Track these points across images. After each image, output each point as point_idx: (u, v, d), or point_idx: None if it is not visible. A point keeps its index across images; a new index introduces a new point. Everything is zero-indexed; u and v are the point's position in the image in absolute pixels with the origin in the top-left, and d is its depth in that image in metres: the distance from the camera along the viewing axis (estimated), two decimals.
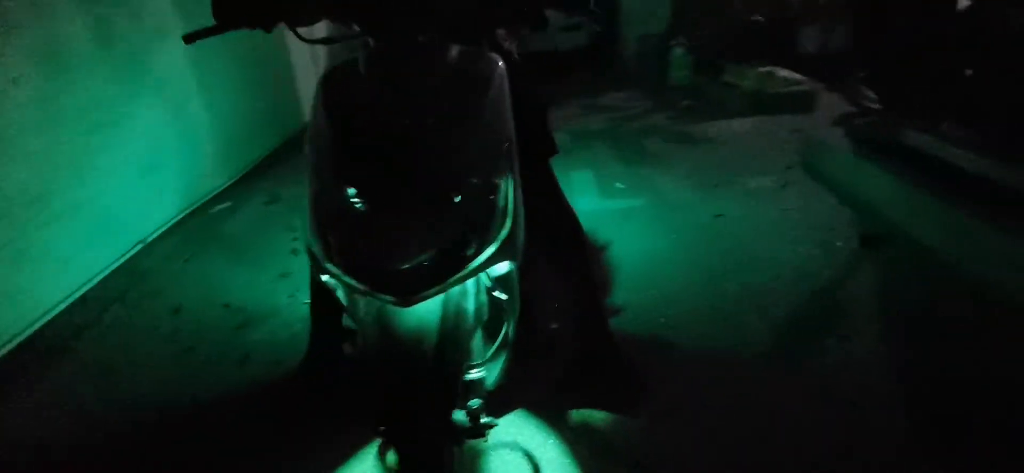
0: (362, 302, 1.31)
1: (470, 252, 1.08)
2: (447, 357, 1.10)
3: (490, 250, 1.10)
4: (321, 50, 5.41)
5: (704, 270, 2.34)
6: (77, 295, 2.43)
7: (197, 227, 3.13)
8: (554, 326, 1.95)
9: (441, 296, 1.11)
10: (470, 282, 1.19)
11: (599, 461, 1.50)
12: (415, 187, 1.06)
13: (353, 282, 1.07)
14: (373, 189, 1.07)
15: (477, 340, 1.30)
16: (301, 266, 2.61)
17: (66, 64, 2.50)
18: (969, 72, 2.86)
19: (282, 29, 1.40)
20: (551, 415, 1.64)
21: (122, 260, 2.72)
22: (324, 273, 1.15)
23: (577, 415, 1.65)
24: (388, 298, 1.05)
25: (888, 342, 1.85)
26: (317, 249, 1.10)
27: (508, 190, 1.18)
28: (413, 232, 1.03)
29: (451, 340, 1.11)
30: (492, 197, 1.16)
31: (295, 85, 4.81)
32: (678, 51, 5.61)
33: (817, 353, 1.83)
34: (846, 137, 3.37)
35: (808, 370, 1.76)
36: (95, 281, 2.54)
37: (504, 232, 1.12)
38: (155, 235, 2.96)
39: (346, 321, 1.85)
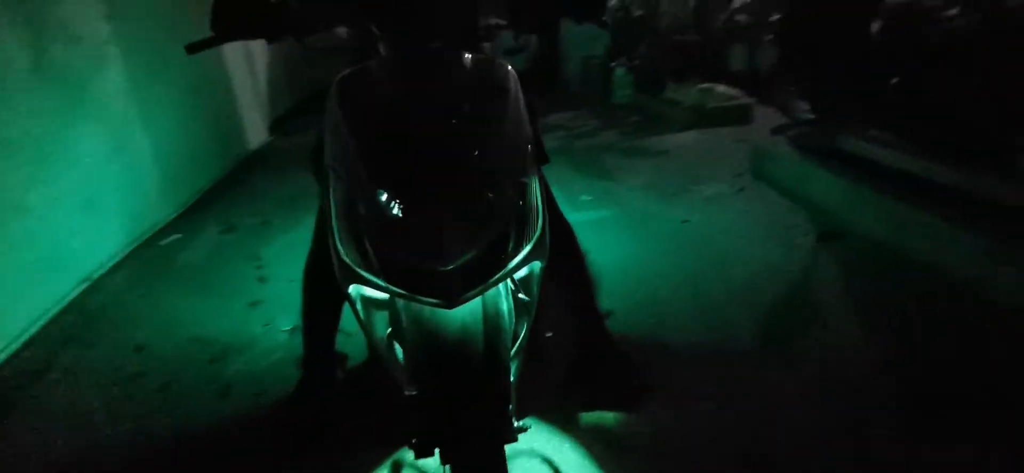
0: (378, 316, 1.28)
1: (510, 250, 1.08)
2: (495, 360, 1.09)
3: (527, 248, 1.11)
4: (263, 76, 5.27)
5: (681, 273, 2.42)
6: (24, 338, 2.23)
7: (147, 261, 2.95)
8: (549, 334, 1.96)
9: (480, 298, 1.11)
10: (502, 285, 1.19)
11: (618, 460, 1.51)
12: (453, 188, 1.06)
13: (395, 288, 1.05)
14: (410, 192, 1.06)
15: None
16: (274, 294, 2.50)
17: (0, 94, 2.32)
18: (895, 80, 3.13)
19: (220, 52, 1.38)
20: (561, 419, 1.65)
21: (69, 299, 2.52)
22: (357, 283, 1.12)
23: (587, 417, 1.66)
24: (434, 301, 1.03)
25: (863, 328, 1.98)
26: (351, 258, 1.07)
27: (536, 189, 1.19)
28: (456, 232, 1.03)
29: (495, 342, 1.10)
30: (525, 195, 1.17)
31: (239, 110, 4.65)
32: (620, 71, 5.82)
33: (805, 341, 1.93)
34: (788, 144, 3.59)
35: (800, 357, 1.85)
36: (42, 322, 2.34)
37: (537, 230, 1.14)
38: (101, 271, 2.77)
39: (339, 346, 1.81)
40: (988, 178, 2.40)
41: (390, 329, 1.33)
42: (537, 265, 1.23)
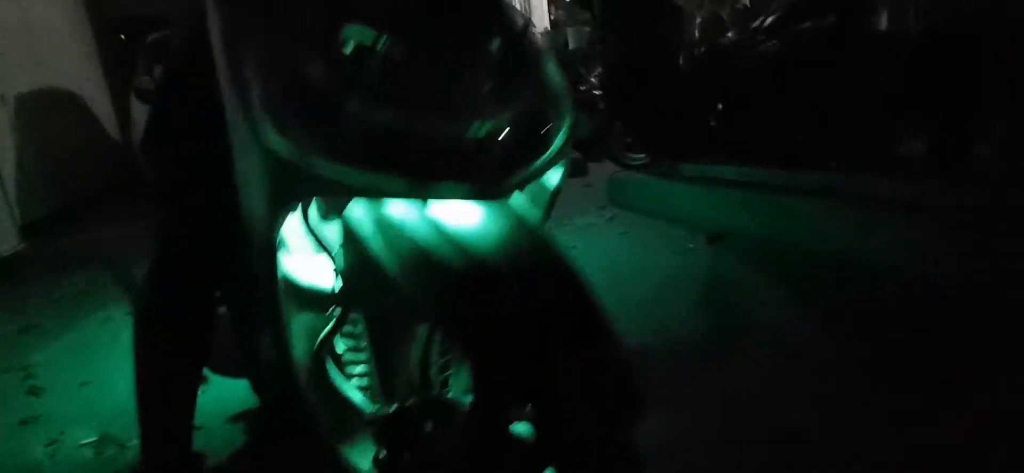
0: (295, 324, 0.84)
1: (556, 120, 0.75)
2: (585, 294, 0.70)
3: (567, 124, 0.78)
4: (11, 177, 4.07)
5: (595, 291, 2.19)
6: None
7: None
8: None
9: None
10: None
11: None
12: (468, 26, 0.70)
13: (390, 179, 0.63)
14: (406, 30, 0.66)
15: None
16: (55, 405, 1.72)
17: None
18: (720, 106, 3.42)
19: None
20: None
21: None
22: (308, 191, 0.67)
23: None
24: (463, 188, 0.64)
25: (788, 305, 1.93)
26: (297, 146, 0.62)
27: (554, 62, 0.87)
28: (482, 83, 0.66)
29: (567, 268, 0.72)
30: (549, 53, 0.84)
31: None
32: None
33: (747, 326, 1.81)
34: (640, 175, 3.70)
35: (752, 340, 1.73)
36: None
37: (570, 107, 0.81)
38: None
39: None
40: (809, 174, 2.64)
41: (325, 333, 0.86)
42: (559, 173, 0.89)
